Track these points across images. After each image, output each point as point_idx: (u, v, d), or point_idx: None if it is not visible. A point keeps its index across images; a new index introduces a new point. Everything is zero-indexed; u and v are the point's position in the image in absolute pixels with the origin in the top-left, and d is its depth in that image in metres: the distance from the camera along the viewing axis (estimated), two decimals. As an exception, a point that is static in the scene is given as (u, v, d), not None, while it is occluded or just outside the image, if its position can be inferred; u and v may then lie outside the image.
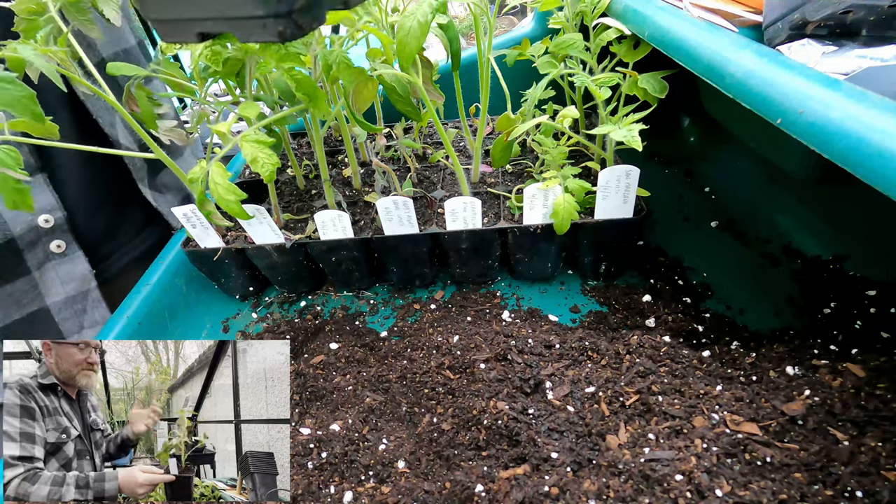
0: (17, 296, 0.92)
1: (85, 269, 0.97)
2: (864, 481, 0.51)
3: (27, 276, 0.92)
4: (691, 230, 1.04)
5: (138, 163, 1.05)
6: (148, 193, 1.07)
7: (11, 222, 0.88)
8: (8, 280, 0.90)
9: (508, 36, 1.23)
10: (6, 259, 0.89)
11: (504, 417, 0.65)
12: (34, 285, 0.93)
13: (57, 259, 0.94)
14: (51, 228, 0.92)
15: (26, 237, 0.90)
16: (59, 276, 0.95)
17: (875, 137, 0.40)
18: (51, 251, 0.93)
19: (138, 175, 1.05)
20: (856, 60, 0.54)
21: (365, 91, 0.76)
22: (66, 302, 0.96)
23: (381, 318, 0.94)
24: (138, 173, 1.05)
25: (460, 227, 0.85)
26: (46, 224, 0.91)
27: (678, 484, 0.54)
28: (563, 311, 0.90)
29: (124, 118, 0.76)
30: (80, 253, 0.96)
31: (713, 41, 0.61)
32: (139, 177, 1.05)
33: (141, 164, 1.06)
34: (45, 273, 0.94)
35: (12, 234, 0.88)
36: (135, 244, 1.10)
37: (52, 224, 0.92)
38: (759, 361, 0.70)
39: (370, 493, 0.62)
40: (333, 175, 1.09)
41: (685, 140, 1.30)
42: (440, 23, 0.79)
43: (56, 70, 0.65)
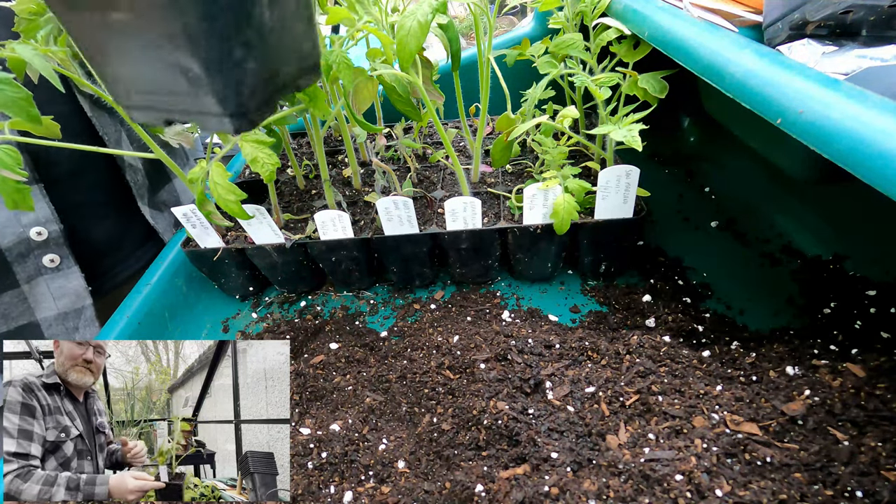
0: (5, 308, 0.89)
1: (80, 285, 0.94)
2: (864, 481, 0.51)
3: (16, 290, 0.89)
4: (691, 230, 1.04)
5: (140, 180, 1.04)
6: (147, 212, 1.05)
7: (0, 233, 0.86)
8: None
9: (508, 36, 1.23)
10: None
11: (504, 417, 0.65)
12: (23, 299, 0.90)
13: (50, 273, 0.92)
14: (44, 241, 0.89)
15: (15, 249, 0.87)
16: (52, 290, 0.92)
17: (875, 137, 0.40)
18: (43, 265, 0.91)
19: (139, 192, 1.04)
20: (856, 60, 0.54)
21: (365, 91, 0.76)
22: (57, 318, 0.94)
23: (381, 318, 0.94)
24: (139, 191, 1.04)
25: (460, 227, 0.85)
26: (39, 237, 0.89)
27: (678, 484, 0.54)
28: (563, 311, 0.90)
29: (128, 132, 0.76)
30: (75, 268, 0.94)
31: (713, 41, 0.61)
32: (139, 194, 1.04)
33: (142, 182, 1.05)
34: (36, 287, 0.91)
35: (0, 245, 0.86)
36: (133, 260, 1.09)
37: (45, 237, 0.89)
38: (759, 361, 0.70)
39: (370, 493, 0.62)
40: (333, 175, 1.09)
41: (685, 140, 1.30)
42: (440, 23, 0.79)
43: (55, 70, 0.65)
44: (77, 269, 0.94)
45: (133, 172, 1.02)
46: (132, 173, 1.02)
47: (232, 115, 0.31)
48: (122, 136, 0.98)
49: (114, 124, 0.96)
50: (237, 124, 0.31)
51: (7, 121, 0.63)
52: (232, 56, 0.29)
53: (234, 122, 0.31)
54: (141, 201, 1.05)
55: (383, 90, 0.78)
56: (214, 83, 0.29)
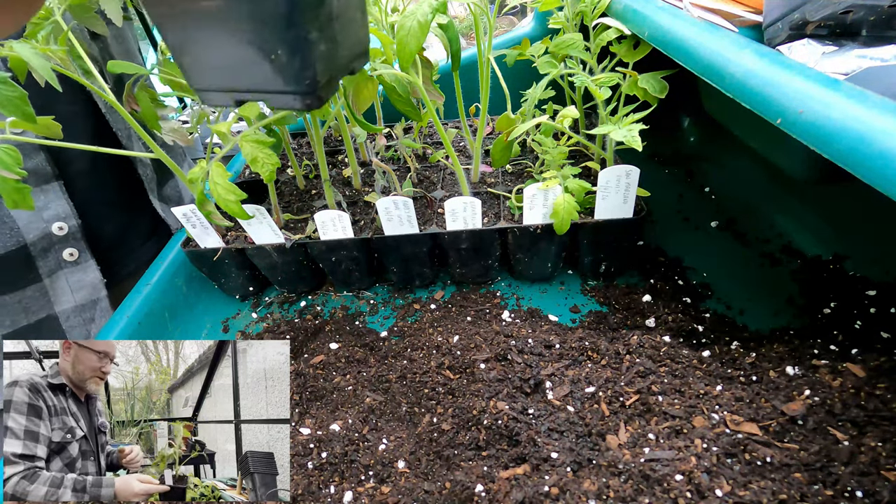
0: (27, 303, 0.91)
1: (96, 277, 0.97)
2: (864, 481, 0.51)
3: (38, 284, 0.91)
4: (691, 230, 1.04)
5: (150, 174, 1.07)
6: (157, 205, 1.08)
7: (25, 229, 0.87)
8: (19, 287, 0.89)
9: (508, 36, 1.23)
10: (18, 266, 0.88)
11: (504, 417, 0.65)
12: (44, 293, 0.92)
13: (69, 267, 0.94)
14: (64, 236, 0.92)
15: (39, 244, 0.89)
16: (70, 284, 0.95)
17: (875, 137, 0.40)
18: (63, 259, 0.93)
19: (150, 186, 1.06)
20: (856, 60, 0.54)
21: (365, 91, 0.76)
22: (75, 310, 0.96)
23: (381, 318, 0.94)
24: (150, 184, 1.06)
25: (460, 227, 0.85)
26: (60, 231, 0.91)
27: (678, 484, 0.54)
28: (563, 311, 0.89)
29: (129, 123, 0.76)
30: (92, 261, 0.96)
31: (713, 41, 0.61)
32: (150, 188, 1.06)
33: (152, 176, 1.08)
34: (56, 281, 0.93)
35: (25, 240, 0.88)
36: (141, 252, 1.11)
37: (65, 232, 0.92)
38: (759, 361, 0.70)
39: (370, 493, 0.62)
40: (333, 175, 1.09)
41: (685, 140, 1.30)
42: (440, 23, 0.79)
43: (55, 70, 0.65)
44: (94, 262, 0.97)
45: (143, 167, 1.05)
46: (143, 168, 1.04)
47: (305, 94, 0.33)
48: (132, 131, 0.99)
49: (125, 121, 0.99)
50: (308, 101, 0.34)
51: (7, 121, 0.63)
52: (309, 38, 0.31)
53: (305, 98, 0.34)
54: (152, 195, 1.07)
55: (383, 90, 0.78)
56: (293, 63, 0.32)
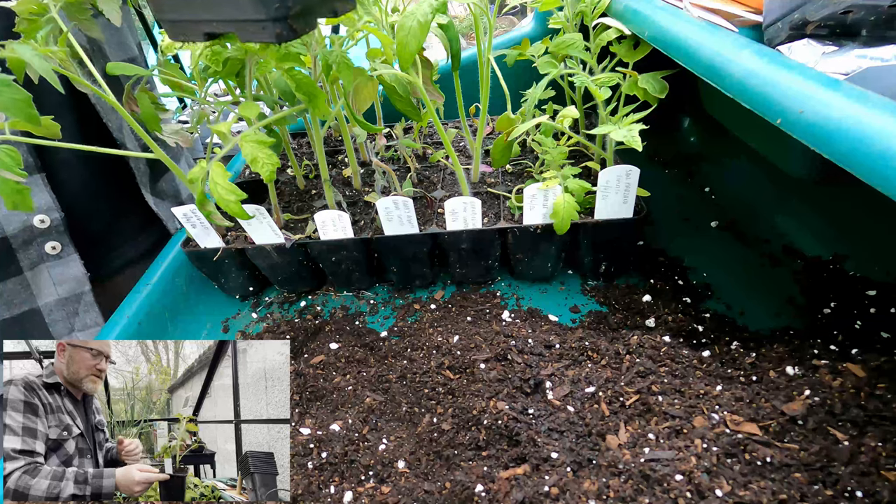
0: (8, 296, 0.91)
1: (79, 271, 0.96)
2: (864, 481, 0.51)
3: (19, 276, 0.91)
4: (691, 230, 1.03)
5: (142, 167, 1.05)
6: (150, 199, 1.07)
7: (4, 221, 0.87)
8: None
9: (508, 36, 1.23)
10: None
11: (504, 417, 0.65)
12: (26, 286, 0.92)
13: (51, 260, 0.93)
14: (46, 229, 0.91)
15: (20, 237, 0.89)
16: (53, 277, 0.94)
17: (875, 137, 0.40)
18: (45, 252, 0.92)
19: (142, 180, 1.05)
20: (856, 60, 0.54)
21: (365, 91, 0.76)
22: (57, 304, 0.95)
23: (381, 318, 0.94)
24: (142, 178, 1.05)
25: (460, 227, 0.85)
26: (42, 224, 0.90)
27: (678, 484, 0.54)
28: (563, 311, 0.89)
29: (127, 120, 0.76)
30: (75, 255, 0.95)
31: (713, 41, 0.61)
32: (142, 181, 1.05)
33: (144, 169, 1.06)
34: (38, 274, 0.93)
35: (5, 233, 0.87)
36: (131, 247, 1.09)
37: (47, 225, 0.91)
38: (759, 361, 0.70)
39: (370, 493, 0.62)
40: (333, 175, 1.09)
41: (685, 140, 1.30)
42: (440, 23, 0.79)
43: (55, 70, 0.65)
44: (77, 256, 0.95)
45: (135, 160, 1.03)
46: (134, 161, 1.03)
47: (275, 20, 0.31)
48: (124, 122, 0.99)
49: (116, 110, 0.98)
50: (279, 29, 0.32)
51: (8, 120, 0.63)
52: None
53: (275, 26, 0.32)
54: (144, 189, 1.05)
55: (383, 90, 0.78)
56: None
